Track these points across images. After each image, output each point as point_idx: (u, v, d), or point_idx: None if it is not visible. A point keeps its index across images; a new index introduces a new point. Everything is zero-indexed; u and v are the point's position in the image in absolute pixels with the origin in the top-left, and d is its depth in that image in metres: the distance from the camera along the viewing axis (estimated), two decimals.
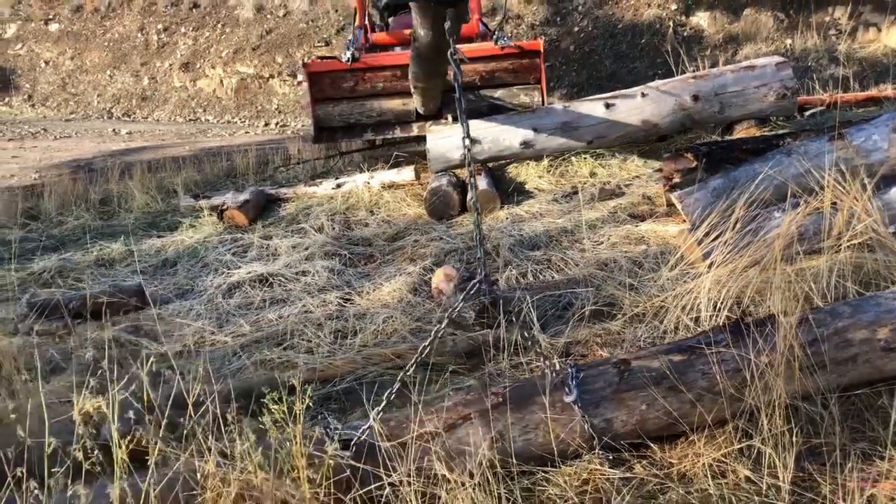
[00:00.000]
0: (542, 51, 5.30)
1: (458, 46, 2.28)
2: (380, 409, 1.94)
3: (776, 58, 4.72)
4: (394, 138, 5.73)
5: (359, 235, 4.47)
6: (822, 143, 3.53)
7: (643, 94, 4.65)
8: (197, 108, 13.84)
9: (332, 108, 5.47)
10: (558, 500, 2.04)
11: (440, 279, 3.46)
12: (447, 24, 2.29)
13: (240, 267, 4.24)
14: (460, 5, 2.50)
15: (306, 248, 4.31)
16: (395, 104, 5.43)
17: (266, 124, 12.55)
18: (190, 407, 1.73)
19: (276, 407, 1.64)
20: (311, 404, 2.00)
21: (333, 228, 4.56)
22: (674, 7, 12.00)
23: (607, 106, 4.68)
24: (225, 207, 4.96)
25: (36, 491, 1.47)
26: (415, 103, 5.20)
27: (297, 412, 1.74)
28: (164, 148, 9.69)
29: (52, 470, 1.56)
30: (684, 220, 3.69)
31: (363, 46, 6.09)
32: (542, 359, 2.18)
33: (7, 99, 15.51)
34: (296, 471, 1.69)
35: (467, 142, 2.32)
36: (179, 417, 1.75)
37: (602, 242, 3.84)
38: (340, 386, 2.86)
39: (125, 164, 7.20)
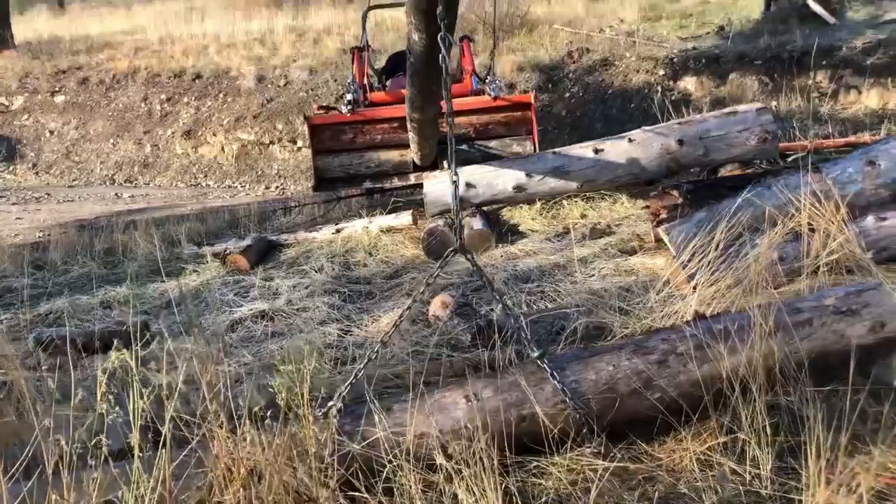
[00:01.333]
0: (532, 103, 5.56)
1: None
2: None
3: (757, 104, 4.96)
4: (392, 187, 5.94)
5: (358, 275, 4.61)
6: (799, 178, 3.71)
7: (630, 140, 4.86)
8: (198, 173, 14.11)
9: (333, 160, 5.69)
10: (550, 490, 2.13)
11: (437, 306, 3.59)
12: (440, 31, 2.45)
13: (242, 305, 4.36)
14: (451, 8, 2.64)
15: (307, 287, 4.44)
16: (393, 155, 5.66)
17: (266, 188, 12.80)
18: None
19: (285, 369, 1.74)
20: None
21: (333, 269, 4.70)
22: (661, 73, 12.42)
23: (596, 151, 4.88)
24: (227, 252, 5.10)
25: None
26: (412, 153, 5.42)
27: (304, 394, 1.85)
28: (166, 208, 9.90)
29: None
30: (674, 256, 3.85)
31: (362, 103, 6.35)
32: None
33: (12, 167, 15.80)
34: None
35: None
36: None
37: (593, 275, 3.98)
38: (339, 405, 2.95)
39: (129, 221, 7.39)
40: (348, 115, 5.65)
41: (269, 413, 1.74)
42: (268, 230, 6.01)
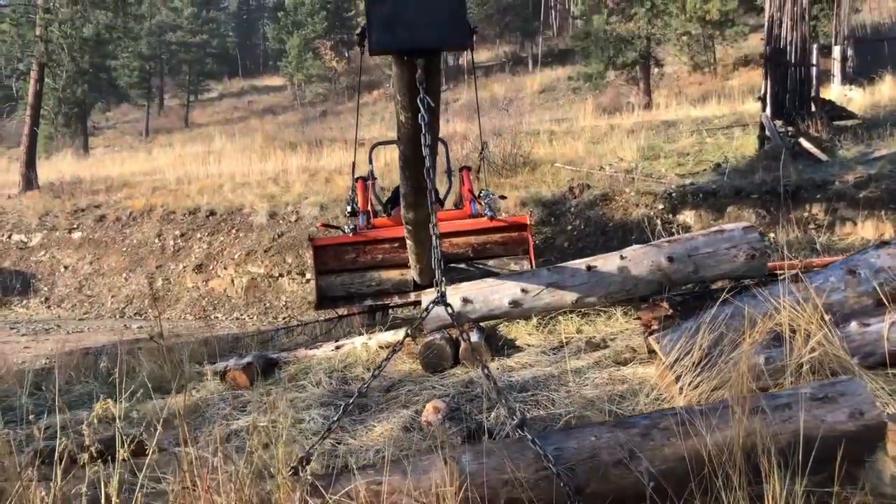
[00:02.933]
0: (528, 223, 5.77)
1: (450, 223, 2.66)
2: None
3: (744, 223, 5.13)
4: (392, 305, 6.06)
5: (355, 389, 4.63)
6: (784, 287, 3.81)
7: (622, 257, 5.00)
8: (207, 306, 14.33)
9: (335, 279, 5.85)
10: None
11: (429, 412, 3.62)
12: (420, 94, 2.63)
13: (238, 418, 4.39)
14: (433, 62, 2.81)
15: (304, 401, 4.47)
16: (393, 274, 5.83)
17: (274, 318, 12.95)
18: None
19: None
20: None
21: (331, 384, 4.74)
22: (661, 206, 12.79)
23: (589, 268, 5.01)
24: (228, 370, 5.17)
25: None
26: (412, 272, 5.58)
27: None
28: (172, 337, 9.99)
29: None
30: (663, 363, 3.89)
31: (366, 228, 6.59)
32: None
33: (25, 301, 16.10)
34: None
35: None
36: None
37: (587, 384, 4.01)
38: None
39: (134, 347, 7.47)
40: (350, 234, 5.87)
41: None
42: (269, 350, 6.09)
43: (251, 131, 31.40)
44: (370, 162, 8.78)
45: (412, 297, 5.85)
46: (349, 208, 6.12)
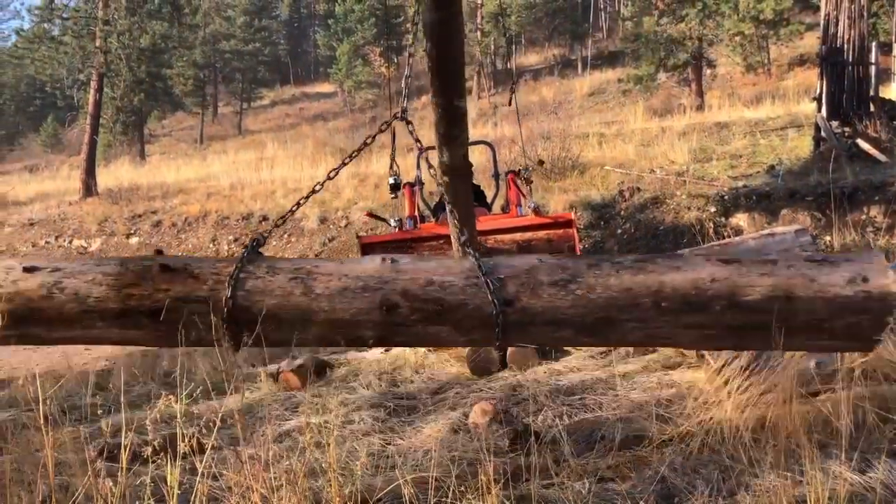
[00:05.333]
0: (573, 220, 5.82)
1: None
2: None
3: (795, 226, 5.05)
4: None
5: (404, 391, 4.72)
6: None
7: None
8: None
9: None
10: None
11: (477, 414, 3.66)
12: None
13: (290, 419, 4.49)
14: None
15: (354, 402, 4.56)
16: None
17: None
18: None
19: None
20: None
21: (380, 386, 4.83)
22: (713, 210, 12.61)
23: None
24: (280, 371, 5.29)
25: None
26: None
27: None
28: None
29: None
30: (711, 367, 3.87)
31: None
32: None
33: None
34: None
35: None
36: None
37: (635, 388, 4.01)
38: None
39: (191, 350, 7.68)
40: (395, 227, 5.96)
41: None
42: (321, 352, 6.21)
43: (302, 137, 31.92)
44: (418, 167, 8.87)
45: None
46: (391, 180, 6.14)
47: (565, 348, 4.98)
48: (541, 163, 8.60)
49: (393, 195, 6.16)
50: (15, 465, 3.85)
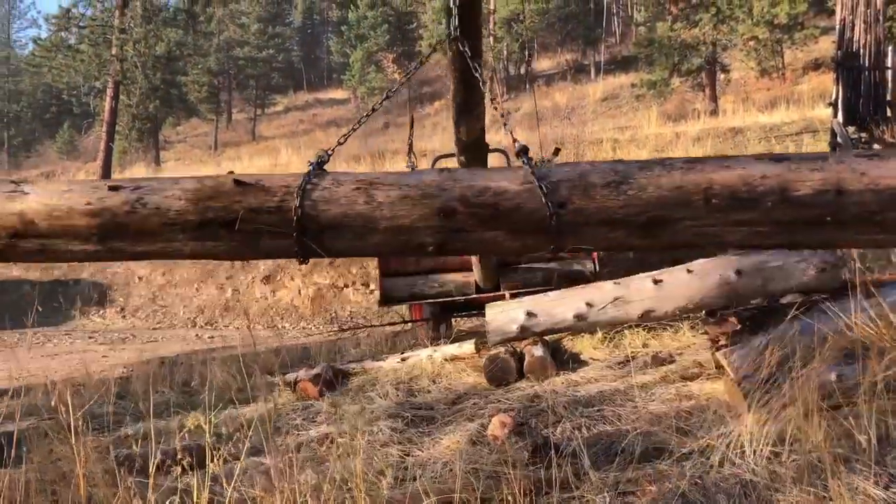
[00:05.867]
0: None
1: None
2: None
3: None
4: (454, 300, 6.21)
5: (421, 401, 4.73)
6: (855, 302, 3.74)
7: (689, 271, 4.97)
8: (275, 316, 14.65)
9: (398, 281, 6.04)
10: None
11: (496, 426, 3.67)
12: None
13: (309, 429, 4.51)
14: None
15: (371, 412, 4.57)
16: (456, 277, 5.97)
17: (340, 328, 13.17)
18: None
19: None
20: None
21: (398, 395, 4.84)
22: None
23: (655, 282, 5.00)
24: (298, 380, 5.31)
25: None
26: (475, 275, 5.72)
27: None
28: (242, 346, 10.27)
29: None
30: (731, 379, 3.86)
31: None
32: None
33: (101, 311, 16.72)
34: None
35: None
36: None
37: (653, 400, 4.01)
38: None
39: (208, 357, 7.74)
40: None
41: None
42: (337, 361, 6.24)
43: (316, 143, 31.99)
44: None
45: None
46: (408, 168, 6.27)
47: (582, 358, 4.98)
48: (557, 151, 8.55)
49: None
50: (38, 475, 3.89)
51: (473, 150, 3.93)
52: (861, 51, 13.51)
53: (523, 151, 2.51)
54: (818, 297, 4.91)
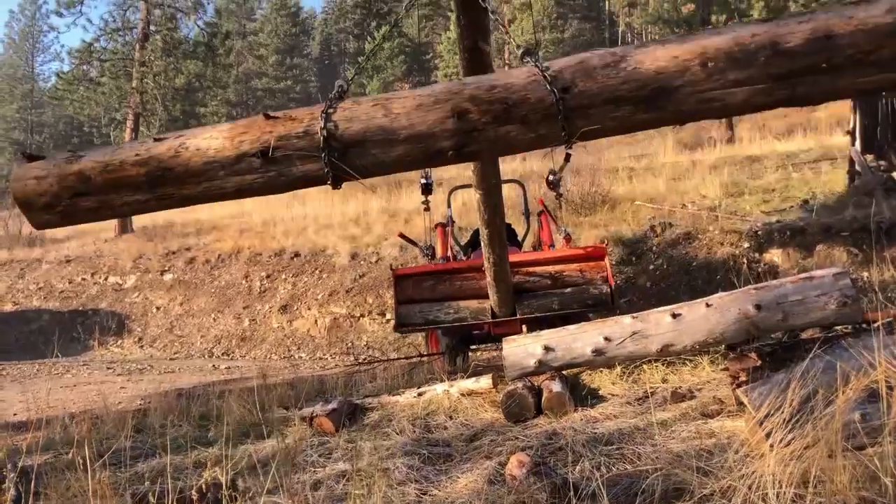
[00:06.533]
0: (606, 251, 5.88)
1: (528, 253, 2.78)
2: None
3: (834, 269, 4.98)
4: (469, 324, 6.21)
5: (438, 437, 4.69)
6: (878, 338, 3.69)
7: (708, 305, 4.92)
8: (291, 346, 14.66)
9: (413, 307, 6.04)
10: None
11: (514, 466, 3.62)
12: None
13: (325, 466, 4.48)
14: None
15: (388, 449, 4.54)
16: (471, 304, 5.98)
17: (355, 358, 13.15)
18: None
19: None
20: None
21: (414, 431, 4.80)
22: (746, 245, 12.48)
23: (674, 315, 4.95)
24: (314, 415, 5.29)
25: None
26: (491, 302, 5.72)
27: None
28: (259, 378, 10.27)
29: None
30: (753, 417, 3.81)
31: None
32: None
33: (119, 341, 16.80)
34: None
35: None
36: None
37: (673, 438, 3.95)
38: None
39: (224, 389, 7.74)
40: (427, 258, 6.11)
41: None
42: (353, 395, 6.21)
43: None
44: (449, 206, 8.93)
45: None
46: (423, 181, 6.28)
47: (600, 393, 4.93)
48: (567, 157, 8.52)
49: (424, 199, 6.30)
50: None
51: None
52: None
53: (528, 53, 2.66)
54: (840, 330, 4.85)
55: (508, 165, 22.70)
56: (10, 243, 22.55)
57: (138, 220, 23.98)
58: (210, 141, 2.60)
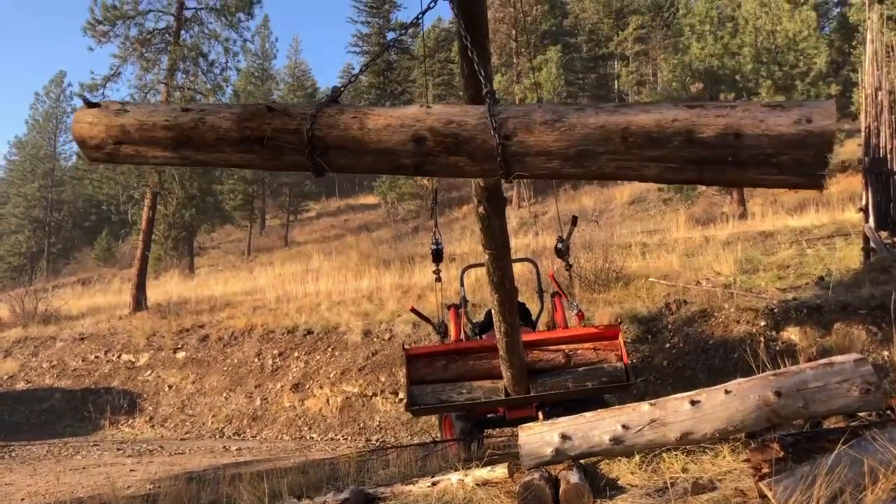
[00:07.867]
0: (620, 330, 5.82)
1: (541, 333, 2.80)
2: None
3: (854, 355, 4.89)
4: (483, 407, 6.11)
5: None
6: None
7: (727, 391, 4.83)
8: (303, 426, 14.48)
9: (426, 388, 5.97)
10: None
11: None
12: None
13: None
14: None
15: None
16: (485, 384, 5.90)
17: (367, 440, 12.94)
18: None
19: None
20: None
21: None
22: (763, 323, 12.34)
23: (693, 403, 4.86)
24: None
25: None
26: (504, 382, 5.65)
27: None
28: (270, 461, 10.11)
29: None
30: None
31: None
32: None
33: (131, 420, 16.66)
34: None
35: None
36: None
37: None
38: None
39: (235, 473, 7.62)
40: (440, 335, 6.07)
41: None
42: (365, 483, 6.08)
43: (347, 248, 32.47)
44: (462, 284, 8.92)
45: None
46: (433, 246, 6.36)
47: (619, 484, 4.81)
48: (574, 219, 8.46)
49: (435, 269, 6.32)
50: None
51: (492, 200, 4.00)
52: (888, 156, 13.56)
53: (490, 94, 3.06)
54: (863, 417, 4.74)
55: (521, 241, 22.80)
56: (25, 320, 22.64)
57: (152, 296, 24.10)
58: (222, 121, 3.03)
